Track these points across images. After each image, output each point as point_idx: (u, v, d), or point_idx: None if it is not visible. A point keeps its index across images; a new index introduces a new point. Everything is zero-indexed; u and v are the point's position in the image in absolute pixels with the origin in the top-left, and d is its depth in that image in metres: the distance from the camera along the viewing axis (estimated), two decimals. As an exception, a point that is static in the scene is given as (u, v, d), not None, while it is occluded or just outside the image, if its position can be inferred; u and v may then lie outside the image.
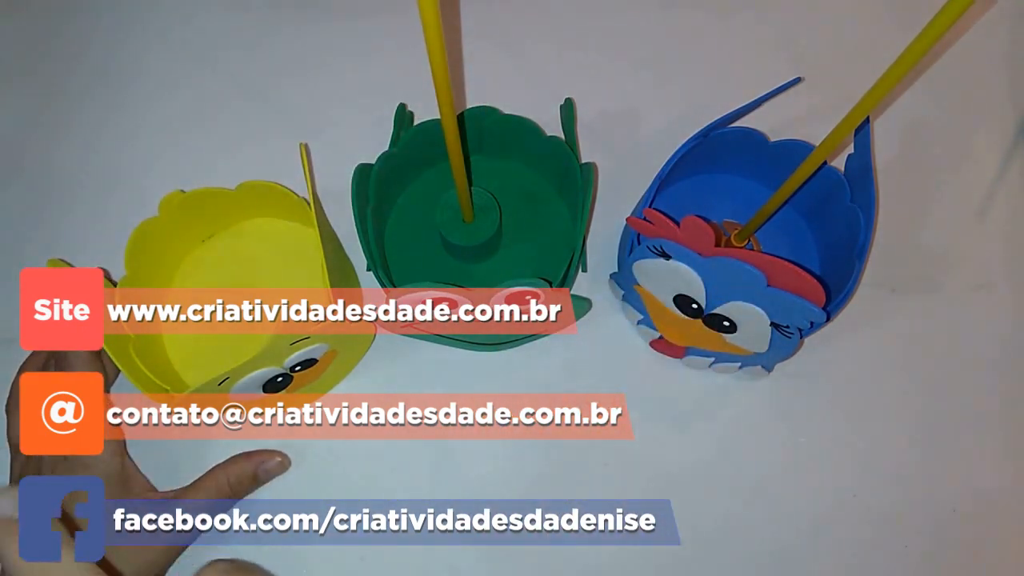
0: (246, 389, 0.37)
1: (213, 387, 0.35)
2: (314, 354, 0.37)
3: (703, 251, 0.33)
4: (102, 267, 0.42)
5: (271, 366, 0.36)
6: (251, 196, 0.42)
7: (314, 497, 0.42)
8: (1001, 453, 0.43)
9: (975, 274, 0.46)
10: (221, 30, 0.53)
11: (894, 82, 0.27)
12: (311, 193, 0.38)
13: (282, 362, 0.37)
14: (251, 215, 0.45)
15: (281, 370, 0.37)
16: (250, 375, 0.36)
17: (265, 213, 0.45)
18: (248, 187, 0.41)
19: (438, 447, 0.42)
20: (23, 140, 0.50)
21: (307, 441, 0.42)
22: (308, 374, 0.39)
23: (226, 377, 0.35)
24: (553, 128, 0.44)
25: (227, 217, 0.45)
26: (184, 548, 0.40)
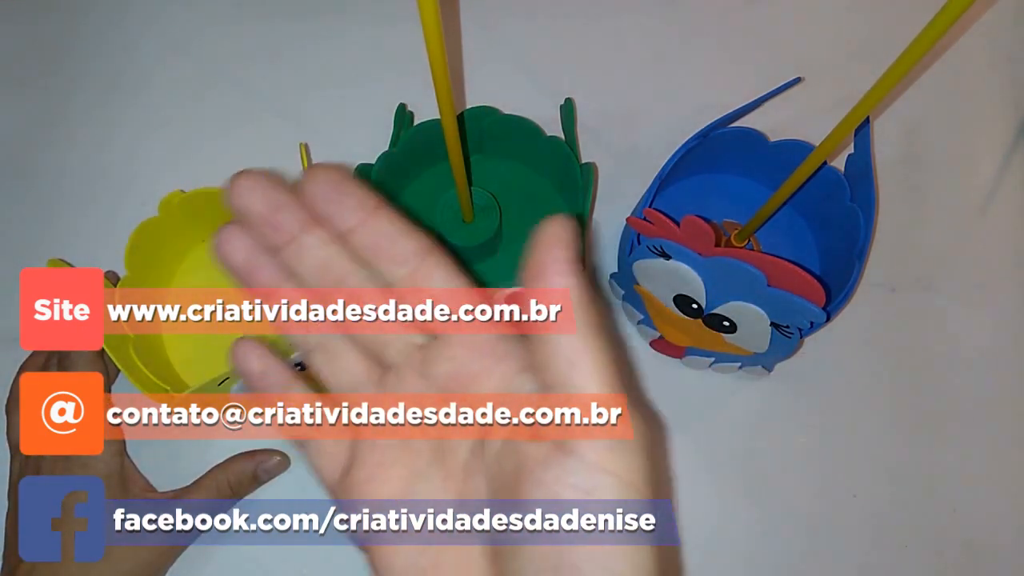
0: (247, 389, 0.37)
1: (213, 387, 0.35)
2: None
3: (703, 251, 0.33)
4: (102, 267, 0.42)
5: None
6: None
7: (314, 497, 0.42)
8: (1001, 453, 0.43)
9: (975, 274, 0.46)
10: (221, 31, 0.53)
11: (894, 82, 0.27)
12: None
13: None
14: None
15: None
16: None
17: None
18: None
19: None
20: (23, 141, 0.50)
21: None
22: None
23: (226, 377, 0.35)
24: (553, 128, 0.44)
25: (227, 217, 0.45)
26: (182, 549, 0.40)
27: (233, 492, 0.39)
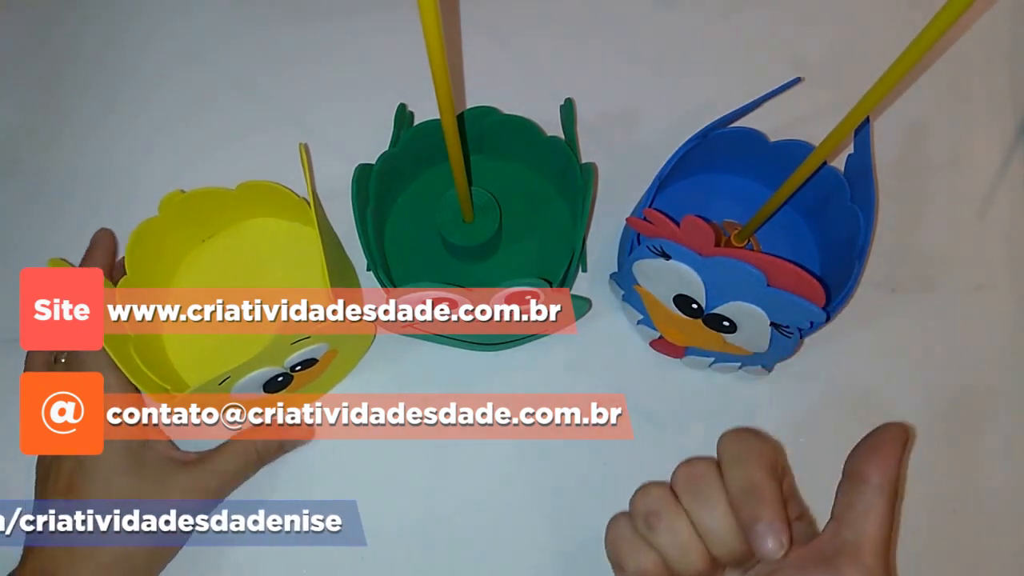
0: (246, 389, 0.37)
1: (213, 387, 0.35)
2: (314, 354, 0.37)
3: (703, 251, 0.33)
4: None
5: (271, 366, 0.36)
6: (251, 196, 0.42)
7: (314, 497, 0.42)
8: (1001, 453, 0.43)
9: (975, 274, 0.46)
10: (222, 30, 0.53)
11: (894, 82, 0.27)
12: (311, 193, 0.38)
13: (282, 362, 0.37)
14: (251, 215, 0.45)
15: (281, 370, 0.37)
16: (250, 375, 0.36)
17: (265, 213, 0.45)
18: (248, 187, 0.41)
19: (438, 447, 0.42)
20: (23, 140, 0.50)
21: (307, 441, 0.42)
22: (308, 374, 0.39)
23: (227, 377, 0.35)
24: (553, 128, 0.44)
25: (227, 217, 0.45)
26: (176, 550, 0.39)
27: (259, 458, 0.40)
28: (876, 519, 0.29)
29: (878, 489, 0.30)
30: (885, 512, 0.30)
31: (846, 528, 0.30)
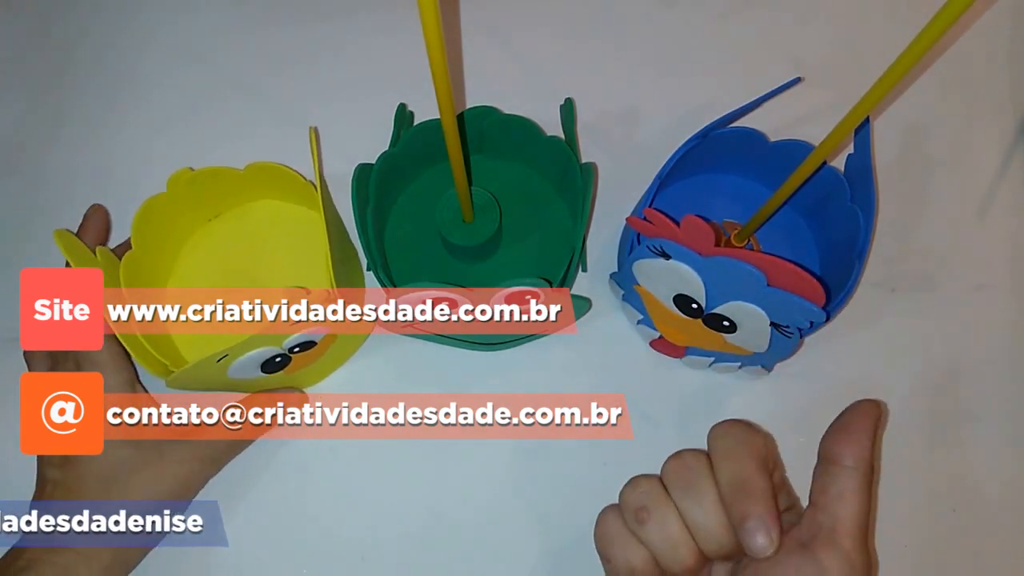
0: (245, 368, 0.37)
1: (212, 364, 0.34)
2: (313, 336, 0.37)
3: (703, 251, 0.33)
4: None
5: (270, 346, 0.36)
6: (259, 177, 0.42)
7: (314, 497, 0.42)
8: (1001, 453, 0.43)
9: (975, 274, 0.46)
10: (222, 30, 0.53)
11: (894, 82, 0.27)
12: (318, 177, 0.38)
13: (281, 342, 0.37)
14: (258, 196, 0.45)
15: (280, 350, 0.37)
16: (249, 354, 0.36)
17: (273, 195, 0.45)
18: (257, 168, 0.41)
19: (438, 447, 0.42)
20: (23, 138, 0.50)
21: (307, 441, 0.42)
22: (307, 356, 0.39)
23: (225, 354, 0.34)
24: (553, 128, 0.44)
25: (234, 197, 0.45)
26: (148, 549, 0.39)
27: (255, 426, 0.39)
28: (851, 501, 0.29)
29: (851, 471, 0.29)
30: (860, 493, 0.29)
31: (821, 512, 0.29)
